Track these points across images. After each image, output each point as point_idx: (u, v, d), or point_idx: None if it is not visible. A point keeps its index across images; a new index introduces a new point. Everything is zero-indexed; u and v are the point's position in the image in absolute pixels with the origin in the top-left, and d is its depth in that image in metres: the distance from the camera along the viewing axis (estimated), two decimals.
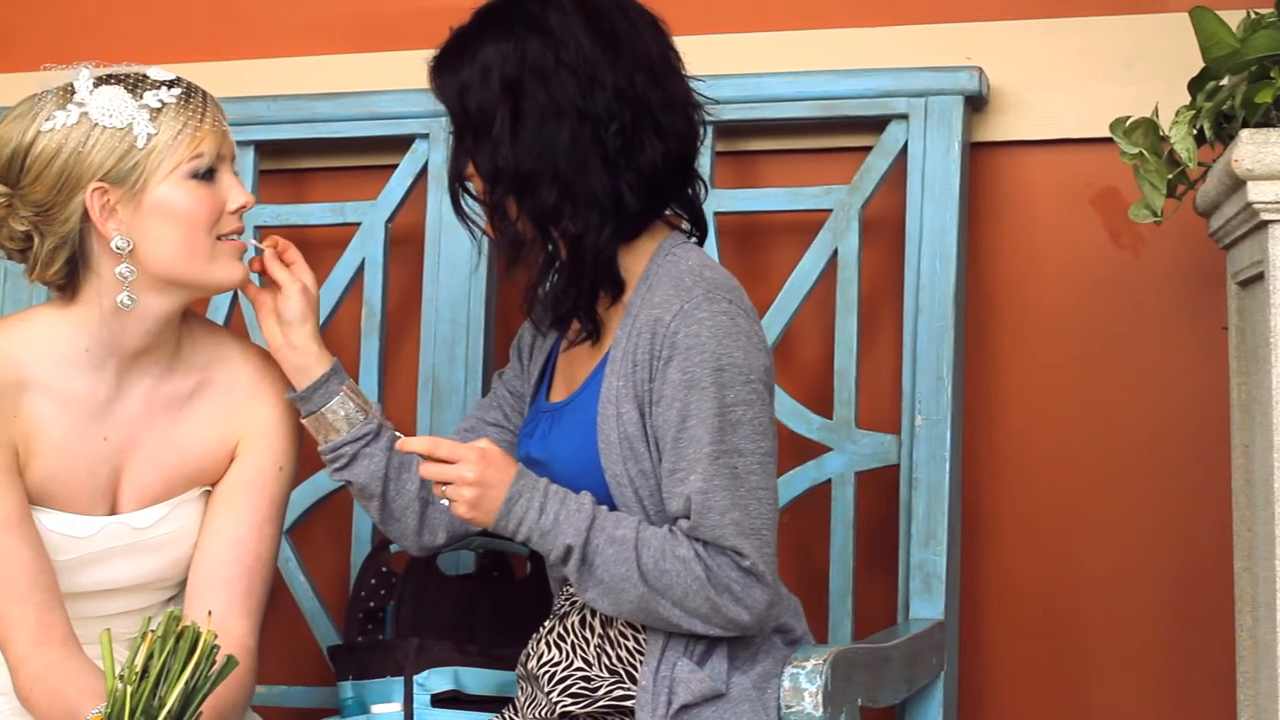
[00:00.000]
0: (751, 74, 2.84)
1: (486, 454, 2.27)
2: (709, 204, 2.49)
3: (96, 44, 2.79)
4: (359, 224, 2.97)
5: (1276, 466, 2.12)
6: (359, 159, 3.05)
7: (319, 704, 2.88)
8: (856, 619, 2.75)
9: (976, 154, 2.84)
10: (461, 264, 2.90)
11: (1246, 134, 2.13)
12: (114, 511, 2.40)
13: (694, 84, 2.38)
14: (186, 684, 2.05)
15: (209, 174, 2.33)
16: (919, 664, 2.59)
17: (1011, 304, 2.87)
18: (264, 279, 2.42)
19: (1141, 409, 2.82)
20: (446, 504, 2.29)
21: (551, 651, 2.38)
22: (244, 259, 2.37)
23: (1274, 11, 2.27)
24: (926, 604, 2.67)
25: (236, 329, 2.84)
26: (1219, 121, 2.32)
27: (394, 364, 2.99)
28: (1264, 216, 2.13)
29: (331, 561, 2.98)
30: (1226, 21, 2.28)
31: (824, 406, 2.79)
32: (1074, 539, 2.84)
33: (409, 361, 2.96)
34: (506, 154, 2.29)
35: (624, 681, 2.34)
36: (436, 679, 2.58)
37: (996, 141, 2.85)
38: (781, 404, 2.72)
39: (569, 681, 2.35)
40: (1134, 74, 2.78)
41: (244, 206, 2.35)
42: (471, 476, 2.26)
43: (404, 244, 2.98)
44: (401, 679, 2.58)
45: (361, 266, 2.96)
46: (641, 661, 2.33)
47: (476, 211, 2.39)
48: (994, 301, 2.87)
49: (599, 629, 2.36)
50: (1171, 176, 2.38)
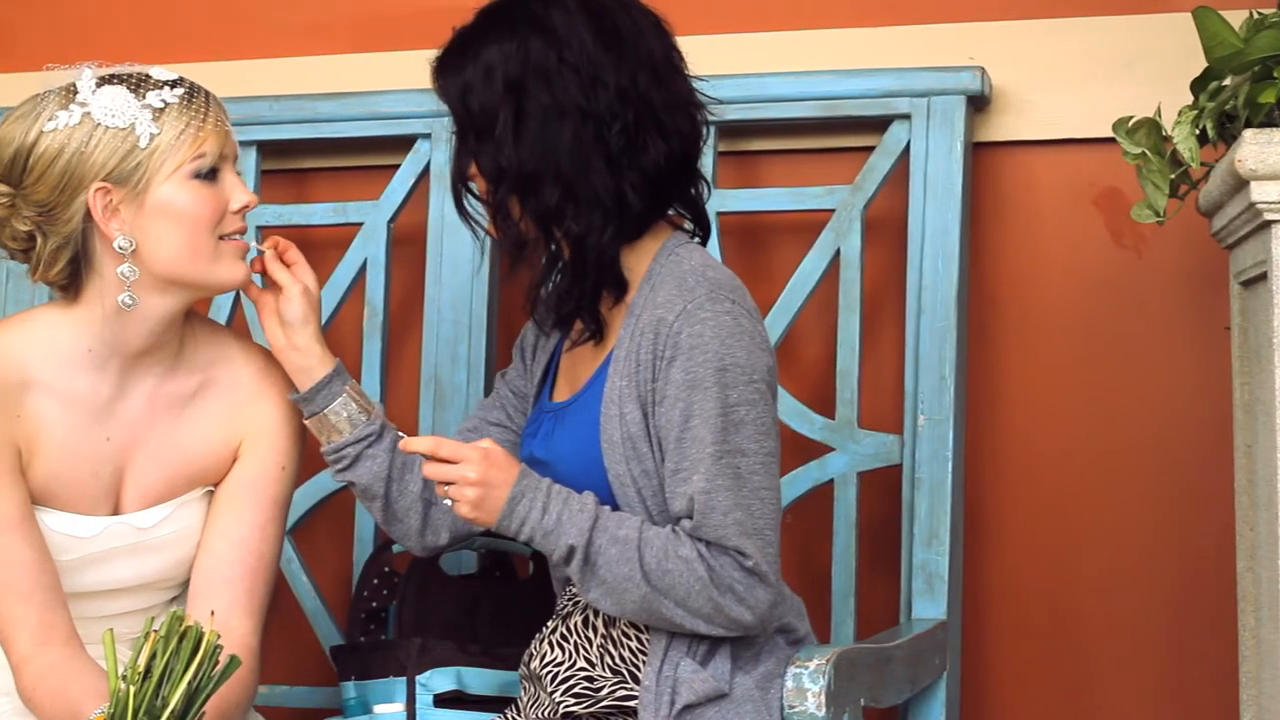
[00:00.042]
0: (754, 74, 2.84)
1: (489, 454, 2.27)
2: (711, 204, 2.48)
3: (99, 44, 2.80)
4: (361, 224, 2.97)
5: (1279, 466, 2.12)
6: (361, 159, 3.05)
7: (321, 704, 2.88)
8: (859, 619, 2.75)
9: (979, 154, 2.83)
10: (464, 264, 2.90)
11: (1250, 134, 2.13)
12: (117, 512, 2.40)
13: (697, 84, 2.37)
14: (189, 684, 2.05)
15: (212, 174, 2.33)
16: (921, 664, 2.59)
17: (1014, 304, 2.87)
18: (265, 280, 2.42)
19: (1144, 409, 2.81)
20: (449, 504, 2.29)
21: (554, 651, 2.38)
22: (246, 259, 2.37)
23: (1277, 11, 2.27)
24: (929, 604, 2.67)
25: (239, 329, 2.84)
26: (1222, 121, 2.32)
27: (396, 364, 2.99)
28: (1267, 216, 2.13)
29: (334, 562, 2.98)
30: (1229, 21, 2.28)
31: (826, 406, 2.79)
32: (1076, 539, 2.84)
33: (411, 362, 2.96)
34: (509, 154, 2.28)
35: (627, 681, 2.34)
36: (439, 679, 2.58)
37: (999, 141, 2.85)
38: (784, 404, 2.72)
39: (572, 681, 2.35)
40: (1136, 74, 2.77)
41: (247, 206, 2.35)
42: (474, 476, 2.26)
43: (406, 244, 2.98)
44: (404, 679, 2.58)
45: (364, 266, 2.96)
46: (644, 661, 2.33)
47: (479, 211, 2.38)
48: (996, 301, 2.87)
49: (602, 629, 2.36)
50: (1174, 176, 2.38)
